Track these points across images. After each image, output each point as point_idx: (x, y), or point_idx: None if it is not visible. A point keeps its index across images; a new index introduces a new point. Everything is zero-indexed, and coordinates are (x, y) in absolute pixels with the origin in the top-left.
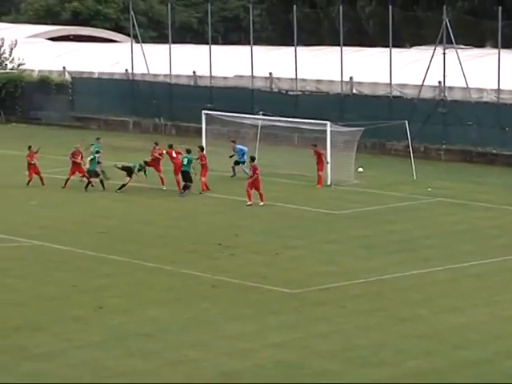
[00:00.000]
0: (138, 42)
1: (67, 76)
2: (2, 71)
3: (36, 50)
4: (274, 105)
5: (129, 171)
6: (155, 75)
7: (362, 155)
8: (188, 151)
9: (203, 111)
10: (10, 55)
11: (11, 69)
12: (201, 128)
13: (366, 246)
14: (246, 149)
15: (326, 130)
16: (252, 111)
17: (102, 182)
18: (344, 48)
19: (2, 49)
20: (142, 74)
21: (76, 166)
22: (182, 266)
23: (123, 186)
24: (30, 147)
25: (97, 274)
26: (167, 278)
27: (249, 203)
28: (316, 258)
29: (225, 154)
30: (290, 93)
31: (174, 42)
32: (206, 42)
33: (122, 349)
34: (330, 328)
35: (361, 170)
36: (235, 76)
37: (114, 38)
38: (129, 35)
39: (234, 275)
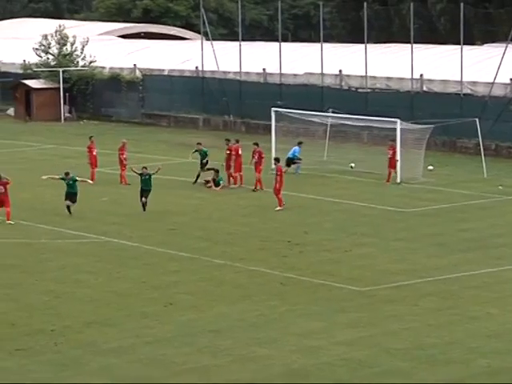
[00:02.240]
0: (208, 39)
1: (138, 73)
2: (74, 68)
3: (107, 48)
4: (343, 102)
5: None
6: (225, 72)
7: (432, 153)
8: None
9: (273, 108)
10: (82, 52)
11: (83, 66)
12: (270, 125)
13: (436, 244)
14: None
15: (395, 128)
16: (322, 109)
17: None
18: (414, 45)
19: (74, 46)
20: (212, 72)
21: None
22: (250, 263)
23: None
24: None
25: (166, 271)
26: (236, 274)
27: (278, 208)
28: (386, 256)
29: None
30: (360, 90)
31: (244, 40)
32: (275, 40)
33: (191, 345)
34: (400, 326)
35: (431, 168)
36: (305, 73)
37: (185, 36)
38: (199, 32)
39: (303, 273)
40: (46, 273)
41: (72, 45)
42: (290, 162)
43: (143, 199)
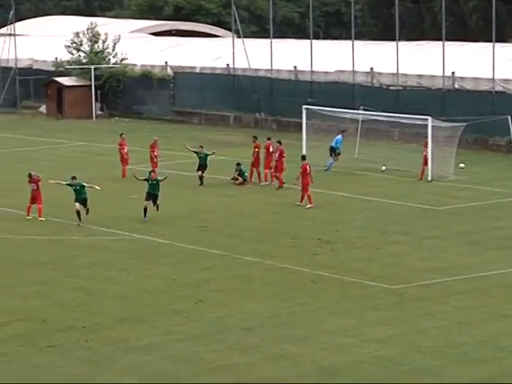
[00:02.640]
0: (239, 36)
1: (169, 71)
2: (105, 66)
3: (139, 45)
4: (374, 100)
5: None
6: (256, 70)
7: (463, 151)
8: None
9: (304, 106)
10: (113, 50)
11: (114, 63)
12: (301, 123)
13: (468, 242)
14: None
15: (427, 126)
16: (353, 106)
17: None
18: (446, 43)
19: (106, 44)
20: (243, 69)
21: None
22: (281, 260)
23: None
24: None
25: (197, 268)
26: (267, 272)
27: (308, 206)
28: (417, 254)
29: (325, 149)
30: (391, 88)
31: (275, 37)
32: (307, 37)
33: (221, 342)
34: (431, 324)
35: (462, 165)
36: (336, 71)
37: (216, 33)
38: (230, 30)
39: (334, 270)
40: (77, 269)
41: (104, 42)
42: (333, 151)
43: (151, 203)
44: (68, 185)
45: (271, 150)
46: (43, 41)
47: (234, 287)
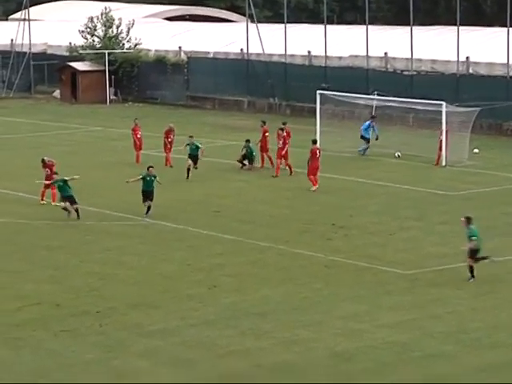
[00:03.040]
0: (253, 21)
1: (183, 56)
2: (120, 51)
3: (152, 30)
4: (388, 85)
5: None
6: (270, 55)
7: (477, 136)
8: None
9: (318, 91)
10: (127, 35)
11: (128, 48)
12: (315, 108)
13: (481, 228)
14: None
15: (441, 111)
16: (367, 91)
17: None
18: (460, 27)
19: (120, 28)
20: (257, 54)
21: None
22: (295, 245)
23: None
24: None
25: (210, 253)
26: (280, 257)
27: (313, 188)
28: (431, 239)
29: (338, 134)
30: (405, 73)
31: (289, 22)
32: (321, 22)
33: (235, 328)
34: (443, 310)
35: (476, 150)
36: (350, 56)
37: (230, 18)
38: (244, 15)
39: (348, 256)
40: (90, 254)
41: (118, 27)
42: (363, 138)
43: (147, 202)
44: (53, 183)
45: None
46: (57, 26)
47: (248, 272)
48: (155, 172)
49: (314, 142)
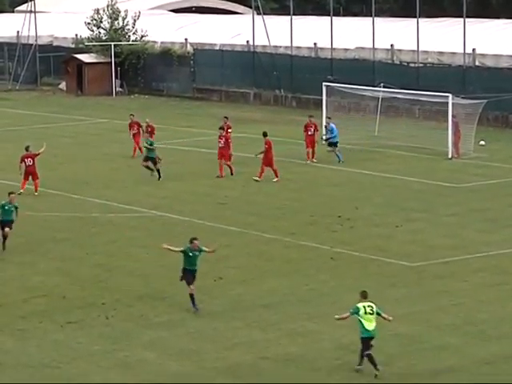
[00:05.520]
0: (259, 13)
1: (189, 48)
2: (125, 43)
3: (158, 22)
4: (395, 77)
5: None
6: (276, 47)
7: (484, 128)
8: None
9: (324, 83)
10: (133, 27)
11: (134, 41)
12: (321, 100)
13: (487, 220)
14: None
15: (447, 103)
16: (373, 83)
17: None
18: (467, 19)
19: (126, 20)
20: (263, 46)
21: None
22: (300, 237)
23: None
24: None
25: None
26: (286, 249)
27: (257, 179)
28: (436, 231)
29: (344, 126)
30: (412, 65)
31: (295, 14)
32: (327, 14)
33: (241, 319)
34: (450, 302)
35: (483, 143)
36: (356, 48)
37: (236, 10)
38: (250, 7)
39: (354, 248)
40: (97, 246)
41: (123, 19)
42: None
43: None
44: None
45: (311, 130)
46: (63, 17)
47: (254, 264)
48: (199, 245)
49: (265, 134)
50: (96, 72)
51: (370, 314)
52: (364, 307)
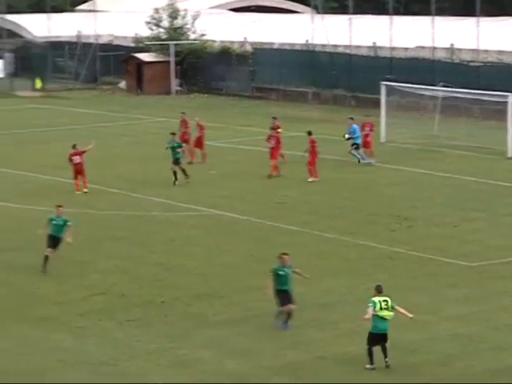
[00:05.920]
0: (318, 12)
1: (248, 47)
2: (185, 42)
3: (218, 21)
4: (454, 76)
5: None
6: (335, 46)
7: None
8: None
9: (383, 82)
10: (193, 26)
11: (193, 39)
12: (380, 99)
13: None
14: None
15: (507, 102)
16: (433, 82)
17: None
18: None
19: (185, 19)
20: (322, 45)
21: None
22: (359, 237)
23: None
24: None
25: (275, 244)
26: (344, 249)
27: (312, 179)
28: (496, 231)
29: (404, 126)
30: (472, 64)
31: (354, 13)
32: (386, 13)
33: (299, 319)
34: (510, 302)
35: None
36: (416, 47)
37: (295, 9)
38: (310, 6)
39: (412, 247)
40: (155, 245)
41: (183, 18)
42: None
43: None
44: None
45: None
46: (123, 17)
47: (312, 264)
48: (290, 263)
49: (310, 133)
50: (155, 71)
51: (385, 309)
52: (380, 302)
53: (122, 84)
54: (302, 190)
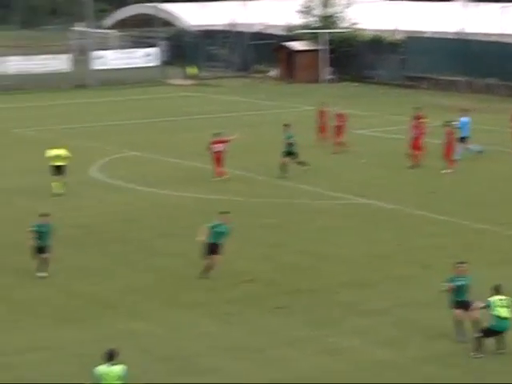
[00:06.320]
0: (471, 0)
1: (399, 35)
2: (336, 30)
3: (369, 10)
4: None
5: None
6: (487, 34)
7: None
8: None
9: None
10: (344, 14)
11: (345, 28)
12: None
13: None
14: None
15: None
16: None
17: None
18: None
19: (337, 8)
20: (475, 34)
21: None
22: (510, 227)
23: None
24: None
25: (423, 234)
26: (496, 240)
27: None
28: None
29: None
30: None
31: (506, 1)
32: None
33: (447, 309)
34: None
35: None
36: None
37: None
38: None
39: None
40: (304, 233)
41: (335, 6)
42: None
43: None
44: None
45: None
46: (275, 5)
47: (462, 254)
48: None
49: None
50: (305, 59)
51: (505, 306)
52: (500, 300)
53: (272, 72)
54: (453, 179)
